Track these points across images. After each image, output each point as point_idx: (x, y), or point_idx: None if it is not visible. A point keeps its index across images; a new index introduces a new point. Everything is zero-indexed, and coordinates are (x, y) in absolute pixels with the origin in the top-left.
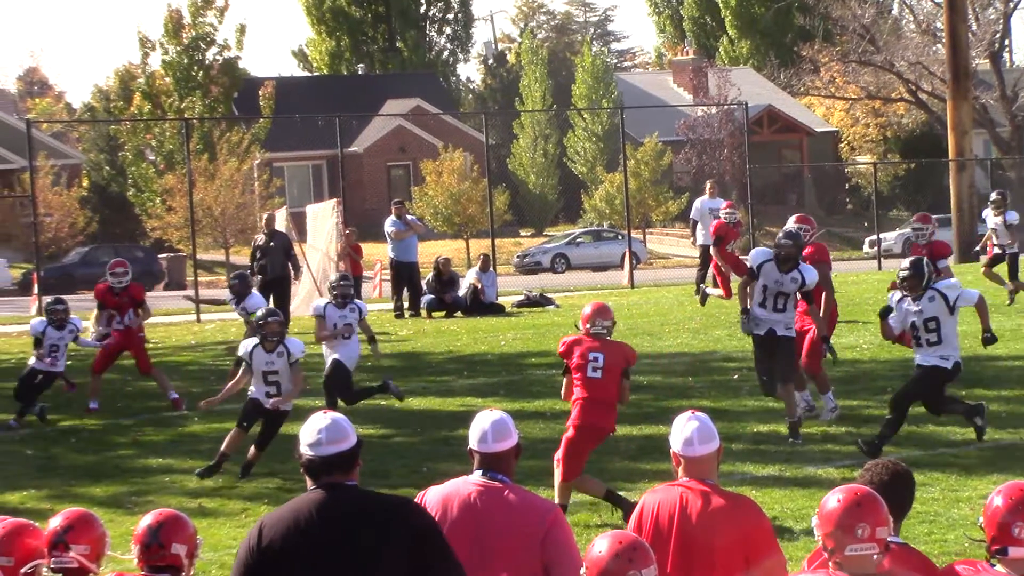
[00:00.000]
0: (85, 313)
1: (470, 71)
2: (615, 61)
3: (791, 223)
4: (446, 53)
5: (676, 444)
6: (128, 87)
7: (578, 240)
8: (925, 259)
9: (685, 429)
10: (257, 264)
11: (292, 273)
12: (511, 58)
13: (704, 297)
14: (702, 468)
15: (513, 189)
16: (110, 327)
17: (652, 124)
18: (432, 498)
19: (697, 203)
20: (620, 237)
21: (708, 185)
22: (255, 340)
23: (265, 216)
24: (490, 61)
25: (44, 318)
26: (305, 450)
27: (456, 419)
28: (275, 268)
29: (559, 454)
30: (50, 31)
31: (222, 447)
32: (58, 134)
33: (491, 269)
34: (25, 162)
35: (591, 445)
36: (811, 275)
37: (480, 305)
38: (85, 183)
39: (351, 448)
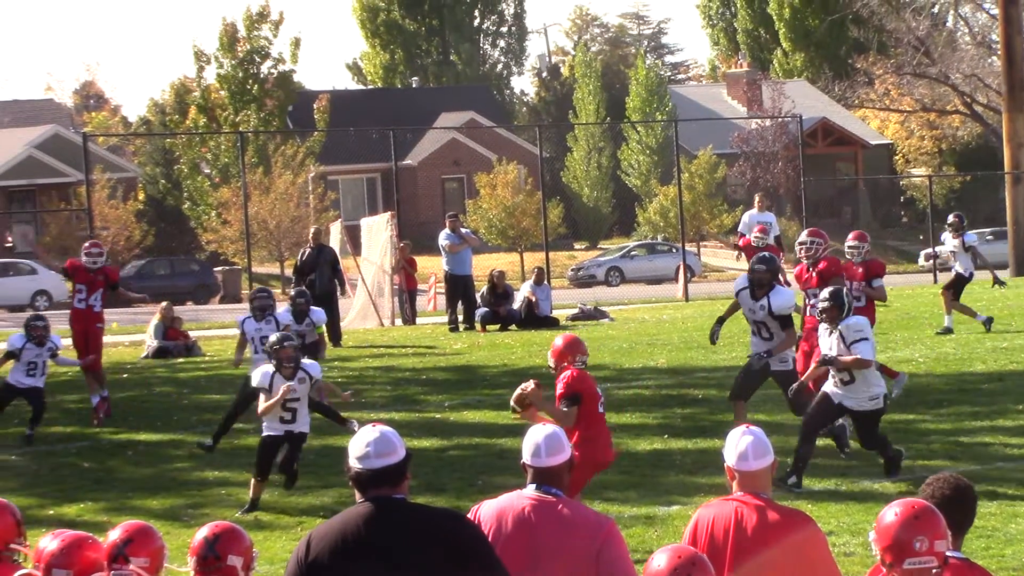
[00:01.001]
0: (141, 327)
1: (524, 84)
2: (669, 74)
3: (803, 235)
4: (500, 66)
5: (731, 458)
6: (183, 100)
7: (632, 253)
8: (845, 289)
9: (740, 443)
10: (305, 279)
11: (339, 288)
12: (565, 71)
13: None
14: (757, 482)
15: (567, 202)
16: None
17: (706, 137)
18: (486, 512)
19: (745, 217)
20: (674, 250)
21: (757, 198)
22: (270, 368)
23: (312, 230)
24: (544, 74)
25: (23, 333)
26: (353, 463)
27: (511, 432)
28: (323, 283)
29: None
30: (106, 45)
31: (251, 493)
32: (114, 148)
33: (545, 282)
34: (82, 175)
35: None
36: (779, 300)
37: (534, 318)
38: (141, 196)
39: (399, 461)
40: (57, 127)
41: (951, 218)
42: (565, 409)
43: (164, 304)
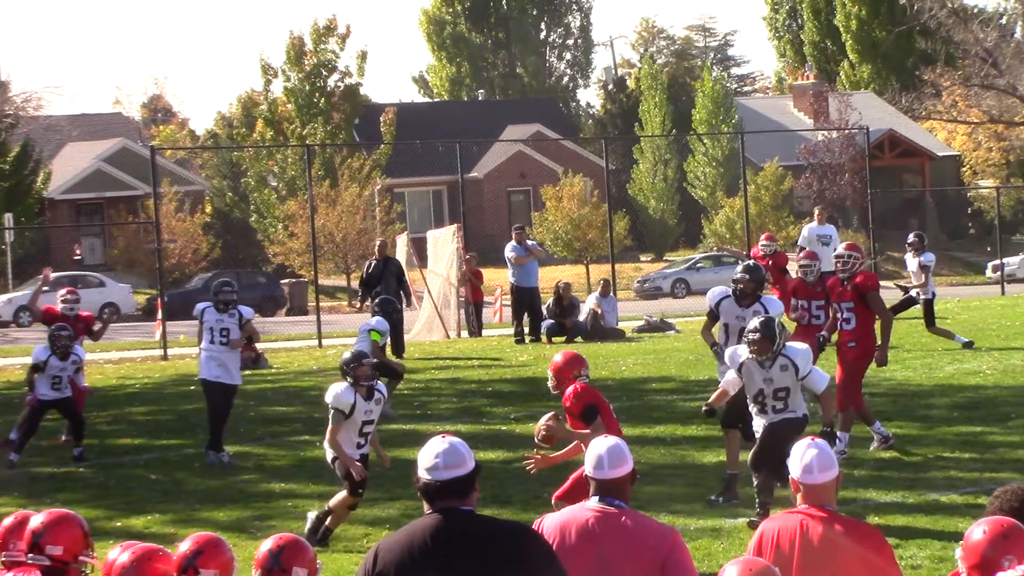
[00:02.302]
0: None
1: (590, 96)
2: (735, 86)
3: (841, 248)
4: (566, 79)
5: (795, 471)
6: (251, 114)
7: (698, 265)
8: (777, 320)
9: (804, 456)
10: (371, 291)
11: (405, 300)
12: (631, 83)
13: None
14: (822, 495)
15: (633, 214)
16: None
17: (772, 149)
18: (550, 524)
19: (805, 230)
20: (740, 262)
21: (816, 211)
22: (347, 387)
23: (378, 242)
24: (610, 86)
25: (47, 345)
26: (422, 474)
27: None
28: (389, 294)
29: (560, 492)
30: (174, 59)
31: (327, 523)
32: (182, 161)
33: (611, 294)
34: (149, 189)
35: None
36: (775, 307)
37: (600, 330)
38: (208, 209)
39: (468, 473)
40: (125, 141)
41: (911, 237)
42: (589, 428)
43: None
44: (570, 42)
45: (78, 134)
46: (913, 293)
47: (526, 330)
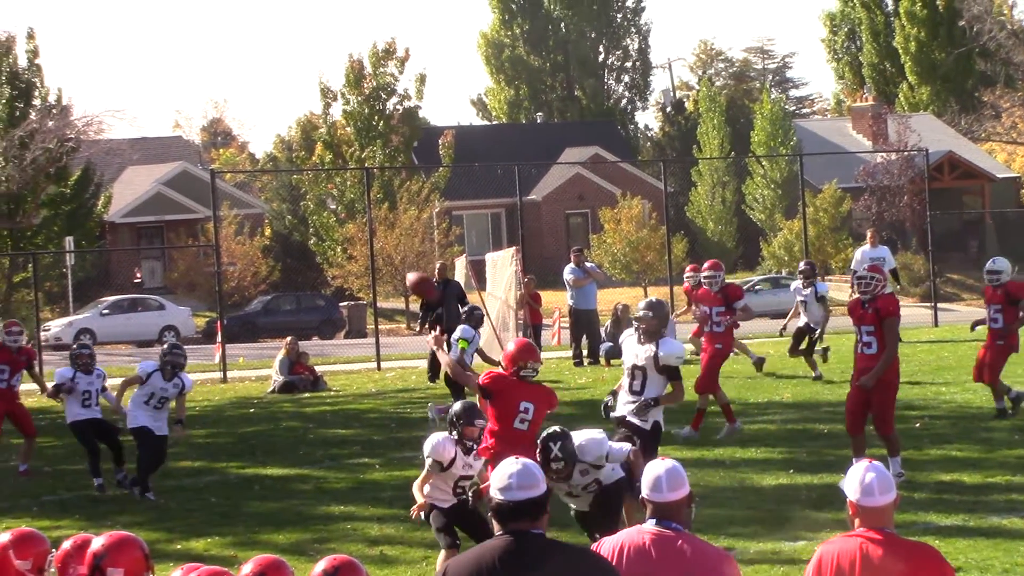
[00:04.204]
0: (267, 361)
1: (648, 119)
2: (794, 108)
3: (862, 269)
4: (624, 101)
5: (853, 493)
6: (310, 137)
7: (757, 287)
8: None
9: (864, 478)
10: (432, 314)
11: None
12: (689, 105)
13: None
14: (880, 518)
15: (692, 236)
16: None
17: (831, 171)
18: (607, 548)
19: (857, 253)
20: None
21: (869, 234)
22: (451, 442)
23: (437, 265)
24: (668, 109)
25: (71, 366)
26: (495, 494)
27: None
28: (450, 318)
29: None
30: (233, 82)
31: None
32: (241, 184)
33: (670, 316)
34: (209, 212)
35: None
36: (669, 348)
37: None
38: (267, 232)
39: (541, 495)
40: (185, 164)
41: (802, 265)
42: (476, 383)
43: (289, 339)
44: (628, 64)
45: (139, 157)
46: (808, 320)
47: (585, 352)
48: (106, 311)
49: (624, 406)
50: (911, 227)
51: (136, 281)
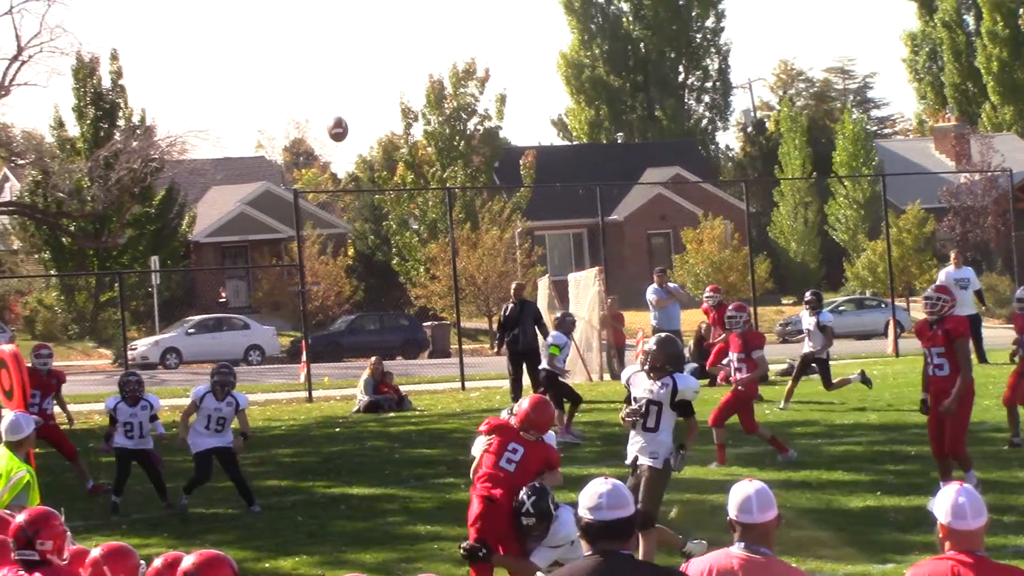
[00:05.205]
0: (352, 381)
1: (729, 139)
2: (875, 128)
3: (929, 290)
4: (705, 121)
5: (944, 516)
6: (391, 157)
7: (840, 308)
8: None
9: (955, 501)
10: (509, 334)
11: (542, 340)
12: (770, 126)
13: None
14: (972, 541)
15: (774, 257)
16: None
17: (914, 191)
18: (694, 570)
19: (941, 274)
20: (883, 305)
21: (952, 255)
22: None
23: (514, 285)
24: (749, 129)
25: (119, 394)
26: (584, 513)
27: (722, 488)
28: (527, 339)
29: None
30: (315, 103)
31: None
32: (324, 204)
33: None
34: (292, 231)
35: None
36: (686, 383)
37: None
38: (351, 252)
39: (631, 515)
40: (268, 184)
41: (808, 295)
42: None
43: (374, 359)
44: (709, 84)
45: (222, 178)
46: (810, 349)
47: None
48: (191, 330)
49: (633, 446)
50: (996, 248)
51: (221, 300)
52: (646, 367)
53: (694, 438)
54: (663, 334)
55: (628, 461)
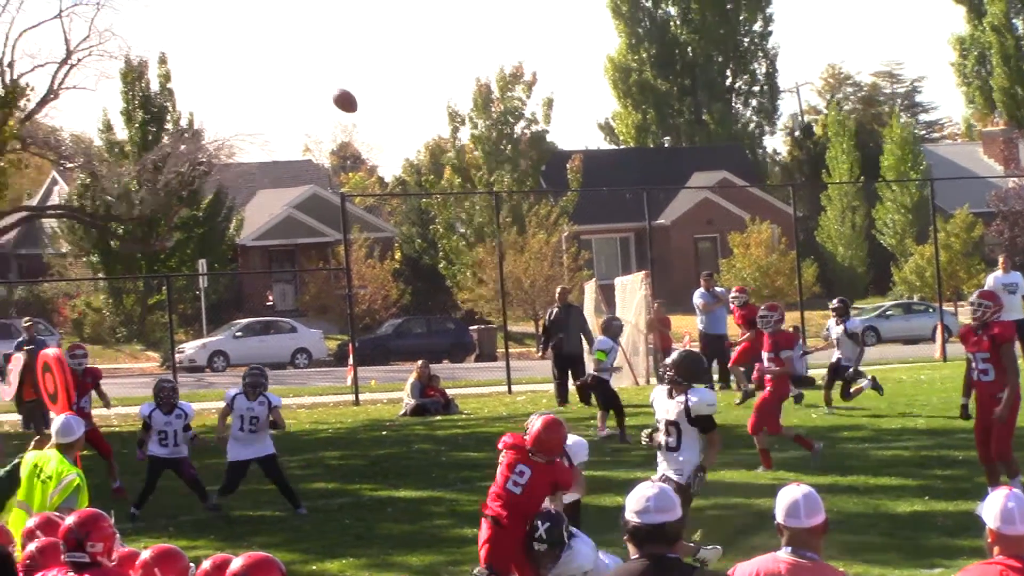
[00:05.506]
0: (399, 384)
1: (776, 143)
2: (923, 132)
3: (974, 295)
4: (752, 125)
5: (993, 521)
6: (438, 161)
7: (888, 313)
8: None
9: (1004, 506)
10: (554, 338)
11: (587, 347)
12: (818, 130)
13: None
14: (1021, 546)
15: (821, 261)
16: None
17: (962, 196)
18: (740, 574)
19: (989, 279)
20: (931, 310)
21: (1001, 259)
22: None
23: (558, 290)
24: (796, 133)
25: (153, 401)
26: (631, 517)
27: (769, 493)
28: (572, 343)
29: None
30: (362, 106)
31: None
32: (371, 208)
33: (801, 341)
34: (340, 235)
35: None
36: (700, 396)
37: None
38: (397, 256)
39: (678, 519)
40: (315, 188)
41: (835, 303)
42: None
43: (420, 362)
44: (756, 88)
45: (269, 181)
46: (841, 357)
47: (716, 377)
48: (239, 333)
49: (662, 464)
50: None
51: (268, 304)
52: (666, 380)
53: (715, 454)
54: (685, 350)
55: (656, 477)
